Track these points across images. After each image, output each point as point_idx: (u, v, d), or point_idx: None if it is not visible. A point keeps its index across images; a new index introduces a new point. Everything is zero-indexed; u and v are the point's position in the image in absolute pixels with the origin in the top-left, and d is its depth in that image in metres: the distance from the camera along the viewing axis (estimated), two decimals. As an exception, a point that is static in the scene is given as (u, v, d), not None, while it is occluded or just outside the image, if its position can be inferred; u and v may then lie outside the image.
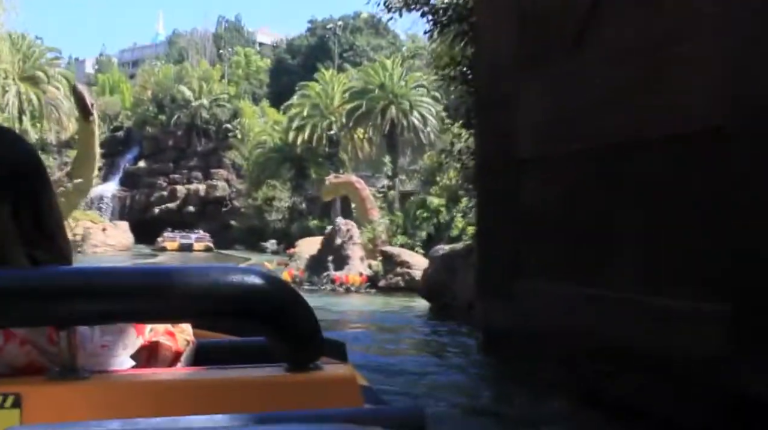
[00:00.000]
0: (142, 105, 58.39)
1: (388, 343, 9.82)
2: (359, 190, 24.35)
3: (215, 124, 55.20)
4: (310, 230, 43.52)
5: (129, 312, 0.99)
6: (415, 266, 16.85)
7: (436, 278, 12.73)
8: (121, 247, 40.23)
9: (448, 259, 12.84)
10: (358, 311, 13.74)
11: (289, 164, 48.05)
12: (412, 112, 40.87)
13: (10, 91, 40.93)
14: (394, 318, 12.51)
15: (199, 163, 55.43)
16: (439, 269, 12.74)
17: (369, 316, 12.84)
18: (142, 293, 0.96)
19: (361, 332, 10.76)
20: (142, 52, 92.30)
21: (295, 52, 70.43)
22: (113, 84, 67.08)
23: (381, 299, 15.44)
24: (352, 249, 18.07)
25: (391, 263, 17.18)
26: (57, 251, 1.12)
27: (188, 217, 53.45)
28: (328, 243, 18.61)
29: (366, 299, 15.67)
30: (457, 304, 12.22)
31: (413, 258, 17.28)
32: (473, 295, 12.29)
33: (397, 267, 16.97)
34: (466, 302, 12.01)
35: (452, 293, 12.36)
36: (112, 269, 1.05)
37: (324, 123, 45.56)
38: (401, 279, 16.80)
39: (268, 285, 0.99)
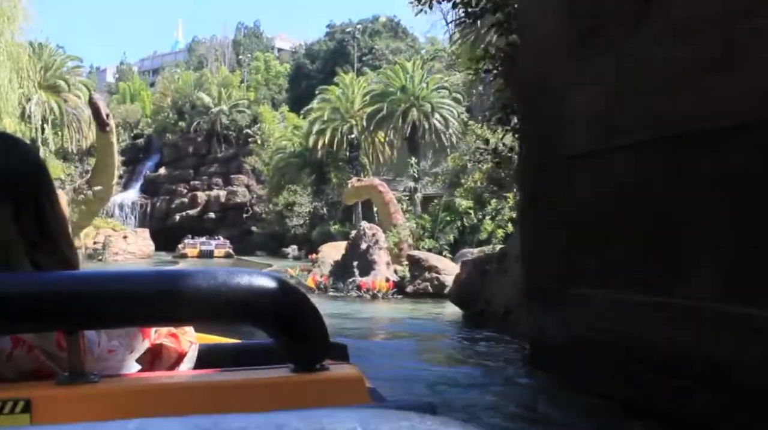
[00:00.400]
0: (162, 112, 58.33)
1: (426, 352, 9.21)
2: (382, 194, 23.75)
3: (235, 129, 54.94)
4: (332, 234, 42.99)
5: (136, 316, 0.97)
6: (444, 271, 16.23)
7: (468, 283, 12.09)
8: (141, 254, 39.93)
9: (480, 263, 12.20)
10: (388, 318, 13.13)
11: (309, 169, 47.60)
12: (433, 115, 40.22)
13: (32, 99, 40.86)
14: (426, 326, 11.89)
15: (219, 170, 55.18)
16: (471, 275, 12.10)
17: (400, 323, 12.22)
18: (149, 297, 0.95)
19: (396, 342, 10.17)
20: (162, 60, 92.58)
21: (314, 57, 70.10)
22: (134, 92, 67.17)
23: (409, 306, 14.82)
24: (378, 254, 17.47)
25: (418, 268, 16.56)
26: (60, 256, 1.13)
27: (209, 223, 53.20)
28: (352, 248, 18.02)
29: (394, 306, 15.06)
30: (491, 311, 11.58)
31: (442, 263, 16.65)
32: (509, 301, 11.67)
33: (425, 272, 16.34)
34: (502, 309, 11.38)
35: (486, 300, 11.72)
36: (120, 272, 0.99)
37: (344, 127, 45.05)
38: (429, 285, 16.18)
39: (275, 287, 0.98)
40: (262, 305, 0.98)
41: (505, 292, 11.40)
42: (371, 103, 41.81)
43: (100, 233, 41.12)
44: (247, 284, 0.96)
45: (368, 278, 16.94)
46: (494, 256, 12.34)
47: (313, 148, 45.21)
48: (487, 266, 12.16)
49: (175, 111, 57.00)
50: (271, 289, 0.98)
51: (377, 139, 44.06)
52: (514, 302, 11.33)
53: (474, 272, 12.09)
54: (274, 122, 53.66)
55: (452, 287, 12.75)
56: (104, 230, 42.55)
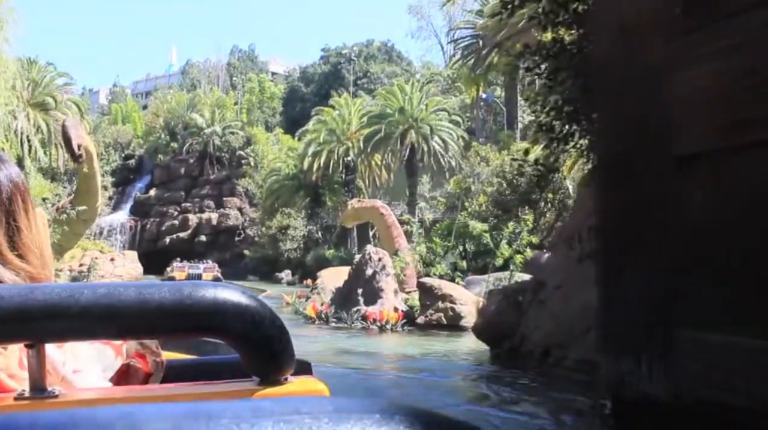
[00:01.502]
0: (154, 133, 56.69)
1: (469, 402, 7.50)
2: (384, 217, 22.09)
3: (228, 151, 53.32)
4: (326, 259, 41.28)
5: (99, 328, 0.95)
6: (459, 301, 14.56)
7: (498, 316, 10.43)
8: (129, 277, 38.01)
9: (512, 294, 10.56)
10: (404, 354, 11.41)
11: (303, 192, 45.98)
12: (432, 137, 38.76)
13: (19, 117, 39.17)
14: (451, 366, 10.19)
15: (211, 192, 53.45)
16: (501, 306, 10.44)
17: (420, 361, 10.51)
18: (111, 309, 0.92)
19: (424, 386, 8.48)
20: (155, 82, 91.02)
21: (309, 80, 68.82)
22: (126, 114, 65.60)
23: (422, 340, 13.11)
24: (386, 281, 15.77)
25: (430, 297, 14.87)
26: (27, 273, 1.11)
27: (200, 246, 51.34)
28: (356, 274, 16.31)
29: (405, 339, 13.33)
30: (527, 349, 9.92)
31: (456, 291, 14.97)
32: (549, 338, 10.03)
33: (437, 301, 14.65)
34: (540, 348, 9.71)
35: (521, 336, 10.06)
36: (83, 285, 0.96)
37: (340, 149, 43.53)
38: (443, 315, 14.49)
39: (240, 300, 0.95)
40: (226, 318, 0.94)
41: (545, 327, 9.75)
42: (368, 124, 40.33)
43: (86, 254, 39.26)
44: (212, 296, 0.94)
45: (374, 307, 15.22)
46: (528, 285, 10.68)
47: (308, 171, 43.61)
48: (520, 296, 10.52)
49: (167, 132, 55.37)
50: (236, 302, 0.95)
51: (374, 161, 42.54)
52: (554, 339, 9.69)
53: (504, 303, 10.43)
54: (268, 144, 52.08)
55: (478, 321, 11.05)
56: (91, 251, 40.67)
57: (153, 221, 53.72)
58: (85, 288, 0.95)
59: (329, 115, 45.15)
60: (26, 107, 39.93)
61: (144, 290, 0.94)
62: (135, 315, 0.93)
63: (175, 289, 0.94)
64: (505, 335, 10.28)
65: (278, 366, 1.01)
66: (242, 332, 0.96)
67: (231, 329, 0.96)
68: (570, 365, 9.15)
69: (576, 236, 10.21)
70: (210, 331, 1.00)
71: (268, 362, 1.01)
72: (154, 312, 0.92)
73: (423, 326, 14.59)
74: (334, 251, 42.09)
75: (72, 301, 0.91)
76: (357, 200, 24.30)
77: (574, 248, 10.38)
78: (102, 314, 0.92)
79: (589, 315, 9.54)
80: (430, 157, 39.06)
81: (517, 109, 38.81)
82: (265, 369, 1.02)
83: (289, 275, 41.32)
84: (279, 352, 1.00)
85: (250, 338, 0.97)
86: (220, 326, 0.96)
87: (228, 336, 0.99)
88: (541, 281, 10.49)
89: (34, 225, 1.17)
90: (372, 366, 10.29)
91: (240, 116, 56.00)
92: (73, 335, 0.97)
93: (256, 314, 0.97)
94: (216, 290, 0.95)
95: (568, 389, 7.59)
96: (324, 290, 18.84)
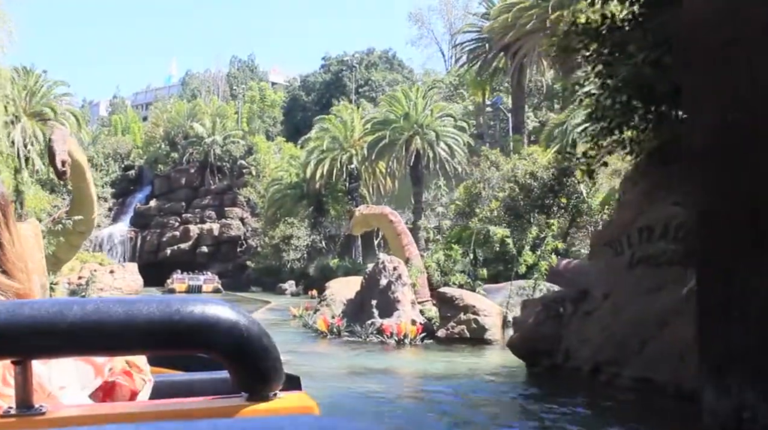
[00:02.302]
0: (154, 143, 55.53)
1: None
2: (394, 224, 20.94)
3: (229, 160, 52.17)
4: (330, 269, 40.07)
5: (86, 344, 0.93)
6: (483, 312, 13.40)
7: (536, 329, 9.26)
8: (129, 290, 36.80)
9: (552, 304, 9.39)
10: (427, 373, 10.21)
11: (306, 201, 44.83)
12: (438, 143, 37.59)
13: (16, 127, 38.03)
14: (488, 388, 9.00)
15: (212, 202, 52.25)
16: (540, 318, 9.28)
17: (450, 381, 9.31)
18: (99, 325, 0.90)
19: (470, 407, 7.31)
20: (155, 94, 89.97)
21: (310, 89, 67.74)
22: (126, 125, 64.51)
23: (446, 355, 11.93)
24: (402, 292, 14.58)
25: (450, 308, 13.70)
26: (14, 290, 1.11)
27: (201, 257, 50.12)
28: (370, 284, 15.13)
29: (427, 355, 12.14)
30: (572, 366, 8.75)
31: (479, 301, 13.80)
32: (598, 354, 8.87)
33: (459, 313, 13.48)
34: (589, 364, 8.54)
35: (565, 352, 8.90)
36: (70, 300, 0.95)
37: (344, 157, 42.40)
38: (466, 328, 13.32)
39: (229, 315, 0.94)
40: (214, 334, 0.93)
41: (593, 341, 8.58)
42: (372, 131, 39.15)
43: (85, 267, 38.12)
44: (200, 312, 0.92)
45: (391, 319, 14.04)
46: (567, 294, 9.52)
47: (310, 179, 42.46)
48: (560, 307, 9.35)
49: (167, 142, 54.20)
50: (224, 317, 0.94)
51: (378, 169, 41.42)
52: (605, 354, 8.52)
53: (544, 314, 9.26)
54: (270, 153, 50.93)
55: (514, 335, 9.84)
56: (90, 264, 39.53)
57: (153, 232, 52.50)
58: (74, 304, 0.93)
59: (331, 123, 44.08)
60: (22, 117, 38.81)
61: (132, 306, 0.92)
62: (123, 331, 0.91)
63: (164, 305, 0.93)
64: (546, 350, 9.11)
65: (266, 382, 0.99)
66: (230, 348, 0.94)
67: (219, 345, 0.94)
68: (626, 385, 7.98)
69: (624, 239, 9.06)
70: (198, 347, 0.98)
71: (257, 378, 0.98)
72: (143, 328, 0.90)
73: (444, 339, 13.42)
74: (339, 260, 40.90)
75: (60, 317, 0.89)
76: (365, 206, 23.11)
77: (619, 252, 9.24)
78: (90, 330, 0.89)
79: (645, 327, 8.36)
80: (436, 163, 37.89)
81: (523, 114, 37.71)
82: (254, 385, 1.00)
83: (293, 286, 40.11)
84: (267, 368, 0.98)
85: (238, 354, 0.95)
86: (208, 342, 0.94)
87: (216, 352, 0.96)
88: (583, 290, 9.33)
89: (17, 239, 1.15)
90: (397, 390, 9.11)
91: (241, 125, 54.88)
92: (61, 351, 0.95)
93: (245, 329, 0.94)
94: (204, 306, 0.93)
95: (645, 417, 6.42)
96: (334, 301, 17.65)
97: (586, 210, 23.90)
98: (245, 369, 0.98)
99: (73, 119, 40.57)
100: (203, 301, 0.95)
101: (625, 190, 9.98)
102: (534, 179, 24.22)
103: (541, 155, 25.57)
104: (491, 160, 27.68)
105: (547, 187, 23.98)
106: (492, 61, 36.44)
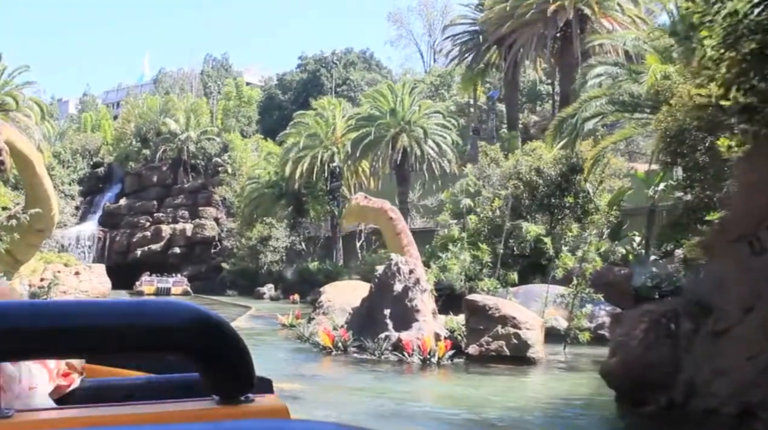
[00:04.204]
0: (124, 139, 52.06)
1: None
2: (394, 221, 18.24)
3: (204, 158, 48.98)
4: (310, 272, 37.25)
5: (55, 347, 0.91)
6: (524, 325, 10.82)
7: (645, 354, 6.71)
8: (96, 293, 33.54)
9: (662, 319, 6.84)
10: (481, 404, 7.56)
11: (285, 200, 41.91)
12: (426, 141, 34.98)
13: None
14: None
15: (185, 201, 48.96)
16: (650, 339, 6.72)
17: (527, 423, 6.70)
18: (68, 328, 0.88)
19: None
20: (127, 92, 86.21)
21: (286, 88, 64.74)
22: (96, 122, 60.81)
23: (490, 380, 9.34)
24: (420, 299, 11.93)
25: (483, 319, 11.10)
26: None
27: (174, 259, 46.84)
28: (380, 290, 12.46)
29: (466, 379, 9.51)
30: (701, 406, 6.21)
31: (518, 311, 11.22)
32: (746, 390, 6.37)
33: (495, 325, 10.89)
34: (733, 405, 6.00)
35: (688, 385, 6.35)
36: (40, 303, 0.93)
37: (325, 154, 39.56)
38: (505, 344, 10.73)
39: (198, 317, 0.92)
40: (184, 335, 0.90)
41: (734, 373, 6.05)
42: (356, 127, 36.37)
43: (48, 268, 34.72)
44: (172, 313, 0.89)
45: (409, 332, 11.39)
46: (681, 307, 6.95)
47: (289, 178, 39.51)
48: (671, 323, 6.81)
49: (138, 138, 50.81)
50: (194, 319, 0.91)
51: (361, 167, 38.70)
52: (756, 392, 6.01)
53: (654, 334, 6.71)
54: (247, 150, 47.87)
55: (613, 361, 7.22)
56: (55, 265, 36.12)
57: (123, 232, 49.05)
58: (45, 306, 0.89)
59: (312, 119, 41.25)
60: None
61: (104, 308, 0.89)
62: (95, 333, 0.87)
63: (135, 306, 0.89)
64: (659, 382, 6.56)
65: (238, 385, 0.95)
66: (201, 350, 0.90)
67: (188, 347, 0.90)
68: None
69: (765, 233, 6.56)
70: (169, 348, 0.94)
71: (228, 380, 0.94)
72: (114, 330, 0.87)
73: (477, 357, 10.81)
74: (319, 263, 38.09)
75: (31, 320, 0.85)
76: (363, 196, 20.20)
77: (758, 251, 6.75)
78: (58, 333, 0.85)
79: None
80: (423, 162, 35.31)
81: (517, 109, 35.38)
82: (225, 388, 0.96)
83: (271, 290, 37.20)
84: (239, 370, 0.93)
85: (210, 357, 0.91)
86: (177, 344, 0.90)
87: (186, 354, 0.92)
88: (703, 303, 6.78)
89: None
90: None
91: (215, 122, 51.71)
92: (31, 353, 0.91)
93: (217, 331, 0.90)
94: (176, 308, 0.89)
95: None
96: (332, 309, 14.98)
97: (593, 210, 21.57)
98: (216, 372, 0.92)
99: (37, 109, 37.23)
100: (172, 302, 0.89)
101: (744, 170, 7.48)
102: (539, 176, 21.84)
103: (546, 151, 23.17)
104: (491, 156, 25.26)
105: (555, 184, 21.66)
106: (484, 55, 34.05)
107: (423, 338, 10.99)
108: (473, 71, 35.11)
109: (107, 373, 1.58)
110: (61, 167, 49.23)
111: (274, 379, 1.42)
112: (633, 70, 22.41)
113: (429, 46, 66.41)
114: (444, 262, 15.98)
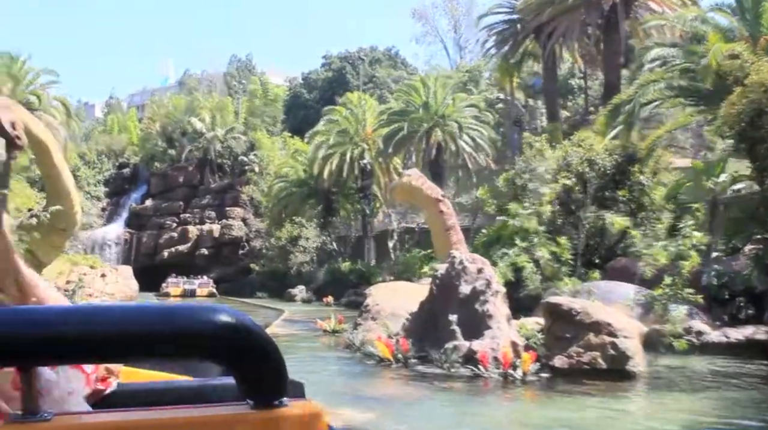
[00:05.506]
0: (150, 140, 50.86)
1: None
2: (445, 215, 16.35)
3: (230, 157, 47.58)
4: (342, 272, 35.60)
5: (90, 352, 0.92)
6: (621, 332, 9.05)
7: None
8: (122, 295, 32.20)
9: None
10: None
11: (315, 199, 40.31)
12: (461, 135, 33.19)
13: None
14: None
15: (212, 201, 47.61)
16: None
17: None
18: (103, 333, 0.89)
19: None
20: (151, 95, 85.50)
21: (312, 87, 63.20)
22: (123, 124, 59.79)
23: (600, 402, 7.58)
24: (493, 303, 10.18)
25: (570, 326, 9.35)
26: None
27: (201, 260, 45.50)
28: (443, 293, 10.75)
29: (572, 403, 7.75)
30: None
31: (614, 318, 9.43)
32: None
33: (585, 333, 9.13)
34: None
35: None
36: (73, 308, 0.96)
37: (355, 151, 37.90)
38: (600, 355, 8.97)
39: (232, 322, 0.92)
40: (218, 341, 0.92)
41: None
42: (388, 122, 34.65)
43: (75, 270, 33.45)
44: (205, 319, 0.90)
45: (482, 342, 9.65)
46: None
47: (318, 176, 37.91)
48: None
49: (164, 138, 49.57)
50: (228, 324, 0.91)
51: (393, 164, 36.96)
52: None
53: None
54: (274, 149, 46.36)
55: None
56: (81, 267, 34.88)
57: (150, 233, 47.82)
58: (78, 312, 0.91)
59: (340, 115, 39.61)
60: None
61: (138, 314, 0.90)
62: (128, 339, 0.88)
63: (169, 312, 0.91)
64: None
65: (272, 389, 0.96)
66: (233, 355, 0.92)
67: (222, 352, 0.92)
68: None
69: None
70: (202, 354, 0.96)
71: (262, 385, 0.95)
72: (149, 336, 0.88)
73: (566, 371, 9.06)
74: (351, 263, 36.44)
75: (63, 326, 0.86)
76: (419, 175, 18.10)
77: None
78: (92, 338, 0.87)
79: None
80: (458, 157, 33.54)
81: (557, 101, 33.49)
82: (259, 393, 0.96)
83: (303, 292, 35.59)
84: (272, 375, 0.95)
85: (242, 361, 0.92)
86: (210, 349, 0.92)
87: (219, 359, 0.94)
88: None
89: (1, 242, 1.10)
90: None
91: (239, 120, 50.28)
92: (65, 359, 0.93)
93: (247, 336, 0.91)
94: (209, 313, 0.90)
95: None
96: (381, 314, 13.28)
97: (648, 205, 19.65)
98: (249, 376, 0.93)
99: (62, 108, 36.01)
100: (206, 307, 0.90)
101: None
102: (592, 168, 20.00)
103: (597, 141, 21.30)
104: (536, 148, 23.46)
105: (608, 176, 19.82)
106: (520, 44, 32.20)
107: (499, 348, 9.26)
108: (509, 62, 33.24)
109: (144, 376, 1.48)
110: (86, 168, 48.15)
111: (333, 402, 1.19)
112: (693, 51, 20.51)
113: (455, 43, 64.46)
114: (512, 259, 14.19)
